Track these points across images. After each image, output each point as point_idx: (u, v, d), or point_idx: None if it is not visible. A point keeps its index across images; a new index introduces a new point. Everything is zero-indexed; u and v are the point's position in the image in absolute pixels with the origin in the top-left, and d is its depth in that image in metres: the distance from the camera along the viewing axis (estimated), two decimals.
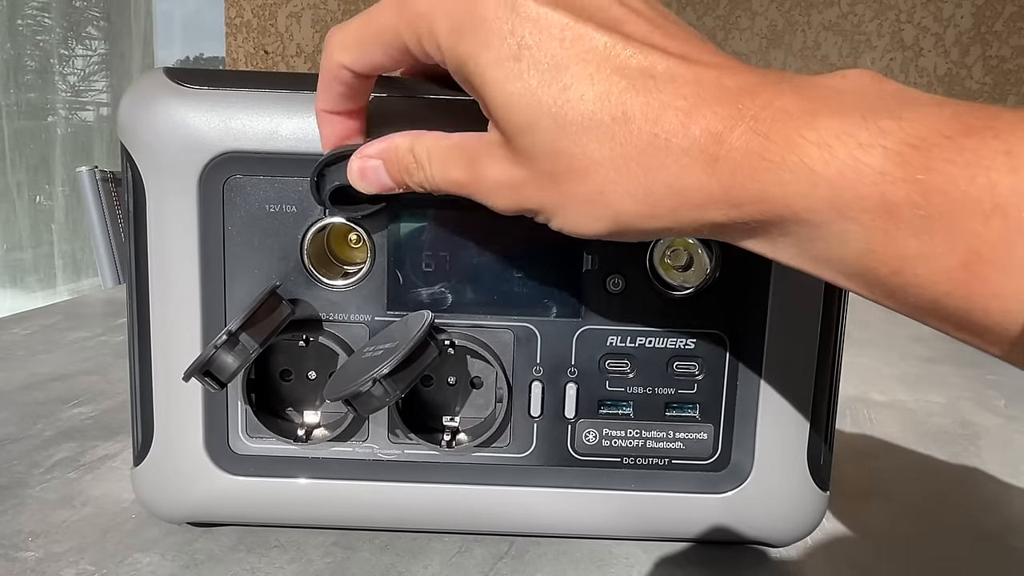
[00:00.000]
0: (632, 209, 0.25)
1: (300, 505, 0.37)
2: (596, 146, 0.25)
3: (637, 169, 0.24)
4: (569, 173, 0.26)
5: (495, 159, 0.28)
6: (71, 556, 0.37)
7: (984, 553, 0.41)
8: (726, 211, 0.24)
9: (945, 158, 0.20)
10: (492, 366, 0.36)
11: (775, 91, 0.23)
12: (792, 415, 0.37)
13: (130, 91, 0.35)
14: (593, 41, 0.25)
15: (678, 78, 0.24)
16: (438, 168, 0.30)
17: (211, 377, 0.32)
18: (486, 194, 0.29)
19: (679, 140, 0.24)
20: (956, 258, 0.20)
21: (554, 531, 0.38)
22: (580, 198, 0.26)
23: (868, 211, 0.21)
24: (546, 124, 0.25)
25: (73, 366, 0.66)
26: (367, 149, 0.31)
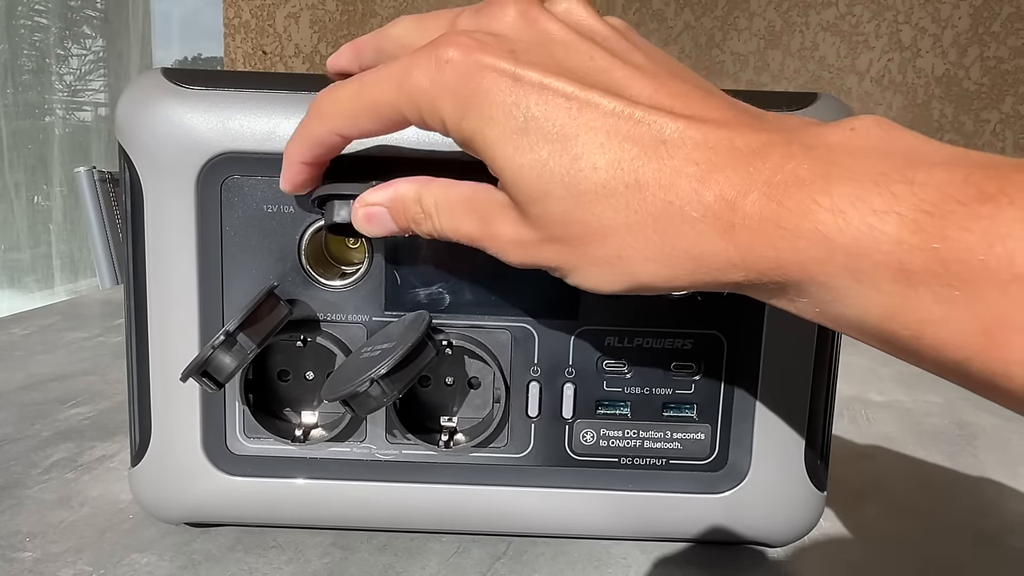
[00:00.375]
0: (652, 272, 0.25)
1: (298, 505, 0.37)
2: (611, 214, 0.25)
3: (654, 235, 0.24)
4: (585, 238, 0.26)
5: (508, 219, 0.28)
6: (69, 556, 0.37)
7: (981, 554, 0.41)
8: (745, 275, 0.24)
9: (961, 226, 0.20)
10: (490, 366, 0.36)
11: (786, 153, 0.23)
12: (789, 415, 0.37)
13: (128, 91, 0.35)
14: (600, 108, 0.25)
15: (688, 142, 0.24)
16: (447, 220, 0.29)
17: (209, 377, 0.32)
18: (499, 250, 0.28)
19: (693, 207, 0.24)
20: (977, 324, 0.20)
21: (551, 531, 0.39)
22: (598, 261, 0.26)
23: (886, 278, 0.21)
24: (559, 194, 0.25)
25: (71, 366, 0.66)
26: (370, 196, 0.31)
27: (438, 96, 0.26)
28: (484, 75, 0.26)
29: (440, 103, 0.26)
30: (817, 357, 0.36)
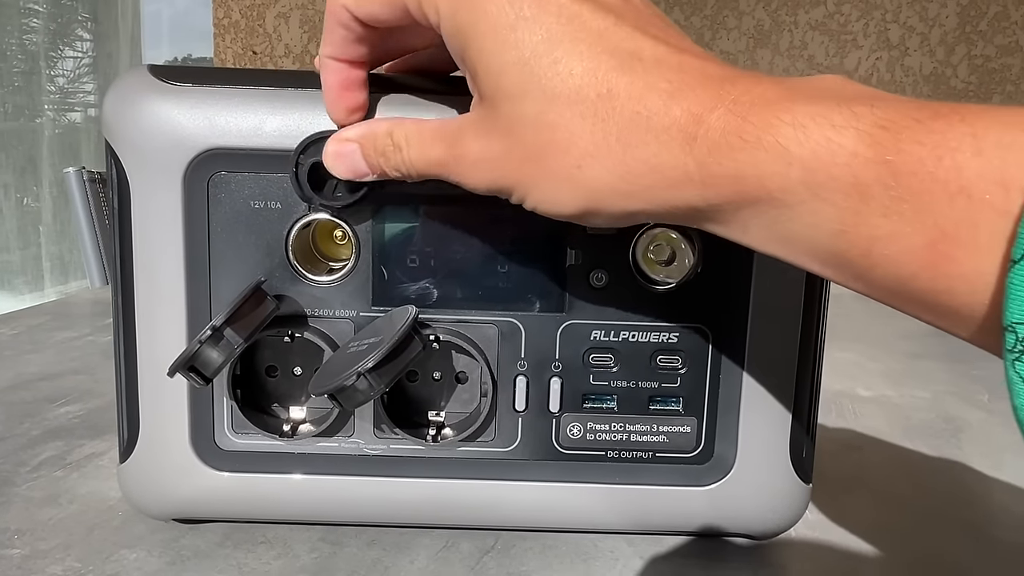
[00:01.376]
0: (608, 185, 0.26)
1: (286, 500, 0.38)
2: (579, 120, 0.25)
3: (617, 145, 0.25)
4: (550, 145, 0.26)
5: (477, 135, 0.28)
6: (57, 553, 0.37)
7: (966, 545, 0.41)
8: (700, 191, 0.24)
9: (914, 139, 0.21)
10: (477, 361, 0.36)
11: (755, 80, 0.24)
12: (774, 408, 0.37)
13: (114, 88, 0.35)
14: (588, 22, 0.26)
15: (664, 63, 0.25)
16: (416, 150, 0.30)
17: (196, 372, 0.32)
18: (464, 171, 0.29)
19: (660, 118, 0.24)
20: (923, 238, 0.21)
21: (539, 525, 0.39)
22: (557, 173, 0.26)
23: (840, 191, 0.22)
24: (535, 94, 0.26)
25: (60, 366, 0.65)
26: (345, 132, 0.32)
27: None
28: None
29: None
30: (802, 350, 0.36)
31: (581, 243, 0.35)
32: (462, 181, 0.29)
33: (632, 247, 0.36)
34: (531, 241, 0.36)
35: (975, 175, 0.20)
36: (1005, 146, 0.19)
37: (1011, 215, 0.19)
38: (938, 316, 0.22)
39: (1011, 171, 0.19)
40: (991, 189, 0.19)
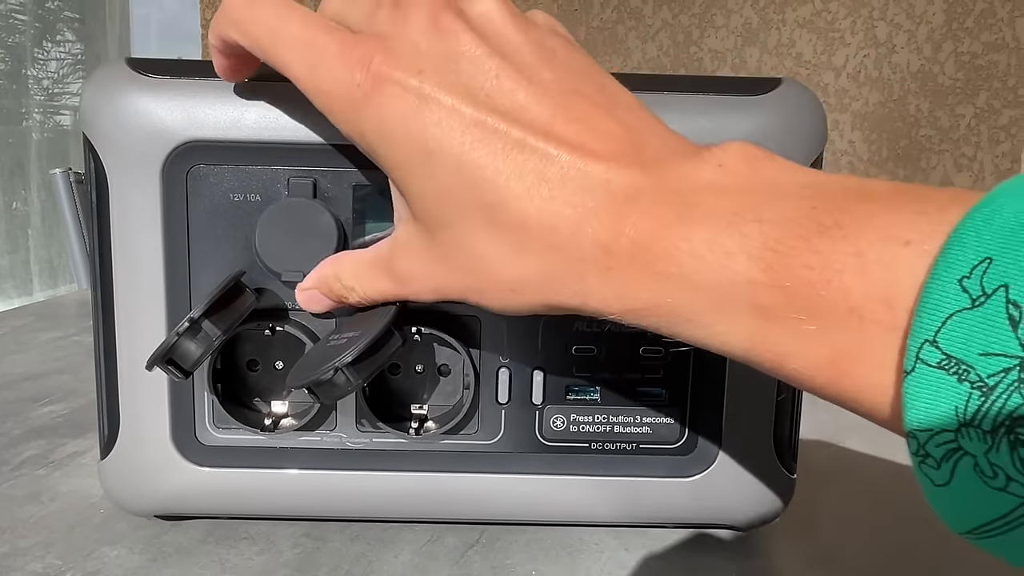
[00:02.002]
0: (540, 303, 0.27)
1: (268, 495, 0.37)
2: (499, 248, 0.26)
3: (539, 276, 0.26)
4: (482, 276, 0.27)
5: (413, 258, 0.29)
6: (38, 551, 0.36)
7: (950, 535, 0.41)
8: (620, 311, 0.25)
9: (803, 263, 0.21)
10: (459, 353, 0.36)
11: (655, 198, 0.25)
12: (758, 399, 0.37)
13: (92, 81, 0.35)
14: (499, 135, 0.26)
15: (570, 181, 0.25)
16: (368, 288, 0.32)
17: (175, 365, 0.32)
18: (414, 295, 0.30)
19: (573, 250, 0.25)
20: (824, 356, 0.22)
21: (523, 518, 0.39)
22: (495, 294, 0.28)
23: (746, 314, 0.23)
24: (457, 223, 0.27)
25: (45, 366, 0.65)
26: (303, 283, 0.33)
27: (342, 100, 0.27)
28: (391, 91, 0.26)
29: (343, 108, 0.28)
30: None
31: None
32: (417, 300, 0.31)
33: None
34: None
35: (862, 295, 0.20)
36: (885, 264, 0.20)
37: (899, 331, 0.20)
38: (860, 415, 0.23)
39: (895, 290, 0.20)
40: (877, 308, 0.20)
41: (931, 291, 0.19)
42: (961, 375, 0.18)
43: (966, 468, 0.19)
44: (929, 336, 0.19)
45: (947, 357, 0.19)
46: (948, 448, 0.19)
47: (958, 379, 0.18)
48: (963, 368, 0.18)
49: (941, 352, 0.19)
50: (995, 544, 0.19)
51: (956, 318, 0.18)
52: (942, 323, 0.19)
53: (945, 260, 0.19)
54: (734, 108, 0.35)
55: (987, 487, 0.19)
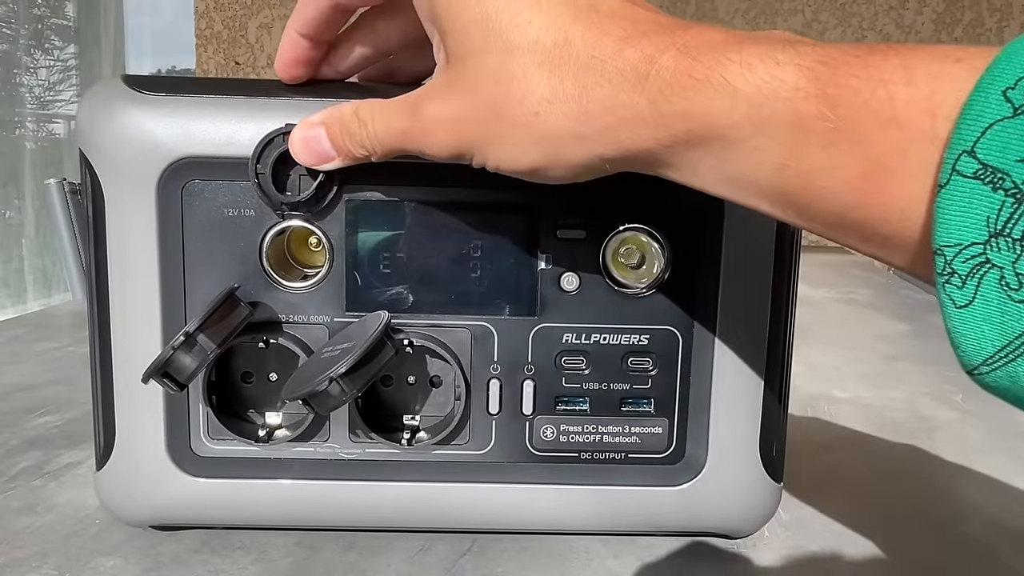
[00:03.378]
0: (566, 130, 0.26)
1: (262, 506, 0.38)
2: (536, 68, 0.26)
3: (573, 88, 0.26)
4: (509, 95, 0.27)
5: (438, 97, 0.29)
6: (34, 561, 0.37)
7: (937, 542, 0.42)
8: (653, 132, 0.25)
9: (851, 73, 0.22)
10: (450, 365, 0.37)
11: (706, 27, 0.26)
12: (744, 408, 0.37)
13: (88, 98, 0.36)
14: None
15: (618, 14, 0.26)
16: (380, 123, 0.31)
17: (170, 379, 0.33)
18: (426, 136, 0.30)
19: (614, 61, 0.25)
20: (858, 168, 0.22)
21: (513, 527, 0.39)
22: (516, 122, 0.27)
23: (782, 125, 0.23)
24: (496, 47, 0.27)
25: (40, 376, 0.65)
26: (310, 118, 0.32)
27: None
28: None
29: None
30: (770, 350, 0.37)
31: (552, 248, 0.36)
32: (424, 149, 0.30)
33: (602, 251, 0.36)
34: (503, 246, 0.36)
35: (905, 104, 0.21)
36: (934, 76, 0.21)
37: (938, 142, 0.20)
38: (876, 246, 0.23)
39: (938, 99, 0.20)
40: (919, 117, 0.21)
41: (974, 101, 0.19)
42: (996, 183, 0.19)
43: (990, 283, 0.19)
44: (967, 146, 0.19)
45: (983, 167, 0.19)
46: (975, 262, 0.20)
47: (992, 188, 0.19)
48: (999, 176, 0.19)
49: (978, 162, 0.19)
50: (1005, 375, 0.20)
51: (997, 127, 0.19)
52: (982, 132, 0.19)
53: (991, 72, 0.19)
54: None
55: (1010, 300, 0.19)
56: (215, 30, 2.43)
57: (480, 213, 0.36)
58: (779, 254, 0.36)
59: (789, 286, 0.37)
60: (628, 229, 0.36)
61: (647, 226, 0.36)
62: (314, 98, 0.35)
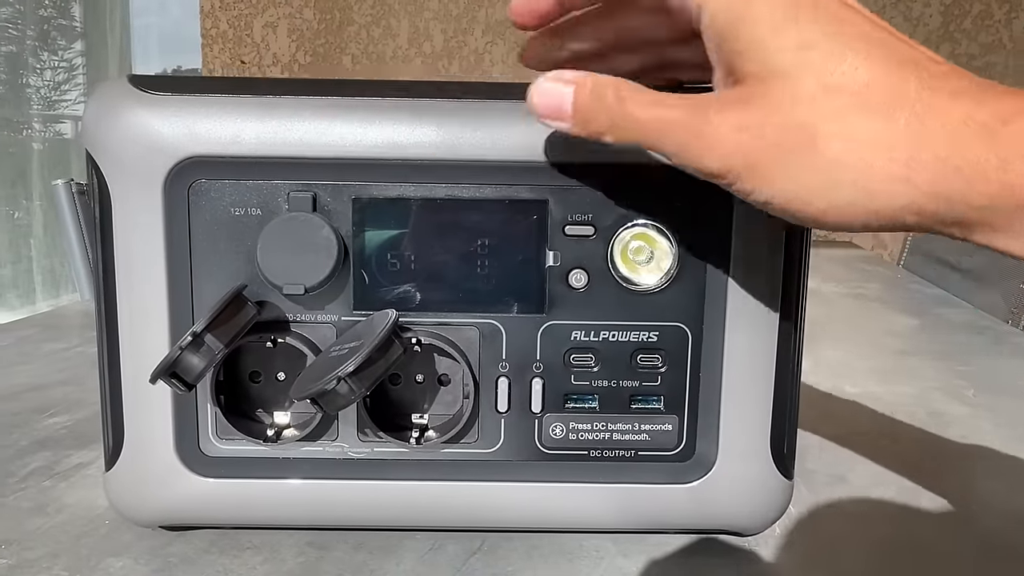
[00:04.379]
0: (888, 174, 0.26)
1: (271, 505, 0.38)
2: (860, 112, 0.26)
3: (904, 136, 0.25)
4: (819, 132, 0.26)
5: (731, 108, 0.27)
6: (44, 562, 0.37)
7: (950, 538, 0.41)
8: (991, 188, 0.25)
9: None
10: (459, 363, 0.36)
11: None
12: (755, 404, 0.37)
13: (94, 98, 0.36)
14: (860, 27, 0.27)
15: (948, 71, 0.26)
16: (640, 106, 0.28)
17: (178, 379, 0.32)
18: (699, 140, 0.28)
19: (955, 113, 0.25)
20: None
21: (523, 525, 0.39)
22: (825, 156, 0.26)
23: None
24: (812, 79, 0.26)
25: (49, 377, 0.66)
26: (563, 73, 0.30)
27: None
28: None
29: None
30: (780, 346, 0.37)
31: (560, 244, 0.36)
32: (687, 153, 0.28)
33: (611, 247, 0.36)
34: (510, 243, 0.36)
35: None
36: None
37: None
38: None
39: None
40: None
41: None
42: None
43: None
44: None
45: None
46: None
47: None
48: None
49: None
50: None
51: None
52: None
53: None
54: None
55: None
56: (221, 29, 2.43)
57: (488, 210, 0.36)
58: (789, 249, 0.36)
59: (799, 281, 0.37)
60: (637, 225, 0.36)
61: (656, 222, 0.36)
62: (320, 96, 0.35)
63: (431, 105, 0.35)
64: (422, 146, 0.35)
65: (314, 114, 0.35)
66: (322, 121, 0.35)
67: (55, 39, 2.82)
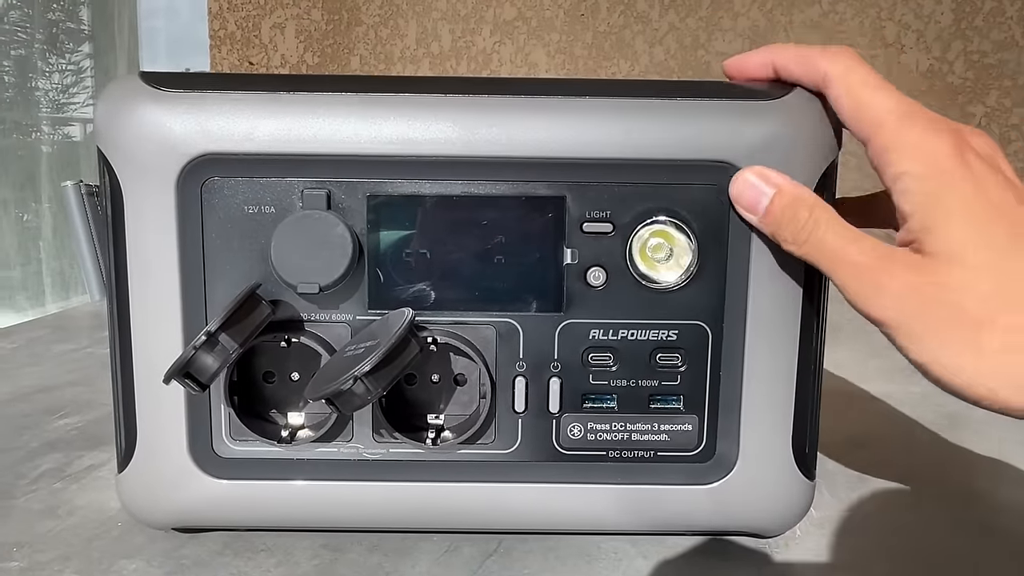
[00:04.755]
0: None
1: (285, 507, 0.37)
2: (996, 291, 0.28)
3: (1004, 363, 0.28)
4: (985, 320, 0.29)
5: (912, 271, 0.30)
6: (56, 565, 0.36)
7: (971, 539, 0.41)
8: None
9: None
10: (475, 362, 0.36)
11: None
12: (776, 404, 0.37)
13: (106, 95, 0.35)
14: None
15: None
16: (831, 234, 0.31)
17: (192, 379, 0.32)
18: (875, 286, 0.30)
19: None
20: None
21: (540, 527, 0.38)
22: (980, 345, 0.29)
23: None
24: (990, 275, 0.29)
25: (59, 378, 0.65)
26: (771, 173, 0.33)
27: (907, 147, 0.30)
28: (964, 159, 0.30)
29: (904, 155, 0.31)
30: (802, 345, 0.36)
31: (578, 242, 0.35)
32: (858, 298, 0.31)
33: (629, 245, 0.35)
34: (527, 241, 0.35)
35: None
36: None
37: None
38: None
39: None
40: None
41: None
42: None
43: None
44: None
45: None
46: None
47: None
48: None
49: None
50: None
51: None
52: None
53: None
54: (743, 114, 0.34)
55: None
56: (228, 31, 2.44)
57: (504, 207, 0.35)
58: None
59: (821, 279, 0.36)
60: (656, 222, 0.35)
61: (675, 219, 0.35)
62: (334, 92, 0.34)
63: (446, 101, 0.35)
64: (437, 142, 0.34)
65: (328, 110, 0.34)
66: (336, 117, 0.34)
67: (63, 42, 2.83)
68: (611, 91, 0.35)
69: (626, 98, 0.35)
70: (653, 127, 0.34)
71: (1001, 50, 1.65)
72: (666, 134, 0.34)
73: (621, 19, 1.98)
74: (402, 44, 2.25)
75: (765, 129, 0.34)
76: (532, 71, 2.14)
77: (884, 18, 1.72)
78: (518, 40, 2.14)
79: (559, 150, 0.34)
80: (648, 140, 0.34)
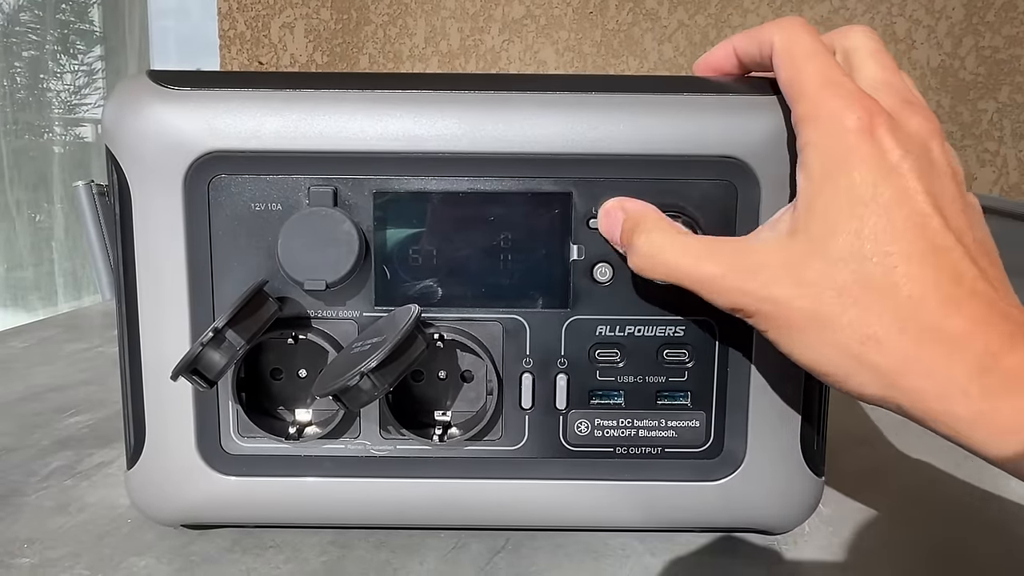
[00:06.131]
0: (877, 366, 0.28)
1: (293, 503, 0.37)
2: (879, 308, 0.28)
3: (908, 345, 0.27)
4: (838, 315, 0.28)
5: (768, 251, 0.30)
6: (67, 561, 0.37)
7: (982, 538, 0.40)
8: (969, 413, 0.27)
9: None
10: (482, 359, 0.36)
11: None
12: (784, 400, 0.36)
13: (114, 94, 0.35)
14: (932, 236, 0.28)
15: (979, 294, 0.27)
16: (674, 256, 0.31)
17: (199, 375, 0.32)
18: (722, 282, 0.30)
19: (960, 340, 0.27)
20: None
21: (548, 523, 0.38)
22: (838, 338, 0.28)
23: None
24: (850, 268, 0.28)
25: (71, 377, 0.66)
26: (627, 202, 0.34)
27: (818, 136, 0.30)
28: (878, 136, 0.29)
29: (816, 141, 0.30)
30: None
31: (584, 238, 0.35)
32: (710, 291, 0.31)
33: None
34: (534, 237, 0.35)
35: None
36: None
37: None
38: None
39: None
40: None
41: None
42: None
43: None
44: None
45: None
46: None
47: None
48: None
49: None
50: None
51: None
52: None
53: None
54: (751, 109, 0.34)
55: None
56: (238, 31, 2.44)
57: (510, 203, 0.35)
58: None
59: None
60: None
61: (683, 214, 0.35)
62: (341, 89, 0.35)
63: (452, 97, 0.35)
64: (444, 139, 0.34)
65: (334, 107, 0.34)
66: (342, 114, 0.34)
67: (74, 43, 2.85)
68: (617, 87, 0.35)
69: (633, 93, 0.35)
70: (660, 122, 0.34)
71: (1013, 45, 1.64)
72: (673, 129, 0.34)
73: (630, 16, 1.98)
74: (411, 43, 2.25)
75: (773, 123, 0.34)
76: (541, 69, 2.14)
77: (895, 14, 1.72)
78: (527, 38, 2.14)
79: (565, 146, 0.34)
80: (655, 135, 0.34)
